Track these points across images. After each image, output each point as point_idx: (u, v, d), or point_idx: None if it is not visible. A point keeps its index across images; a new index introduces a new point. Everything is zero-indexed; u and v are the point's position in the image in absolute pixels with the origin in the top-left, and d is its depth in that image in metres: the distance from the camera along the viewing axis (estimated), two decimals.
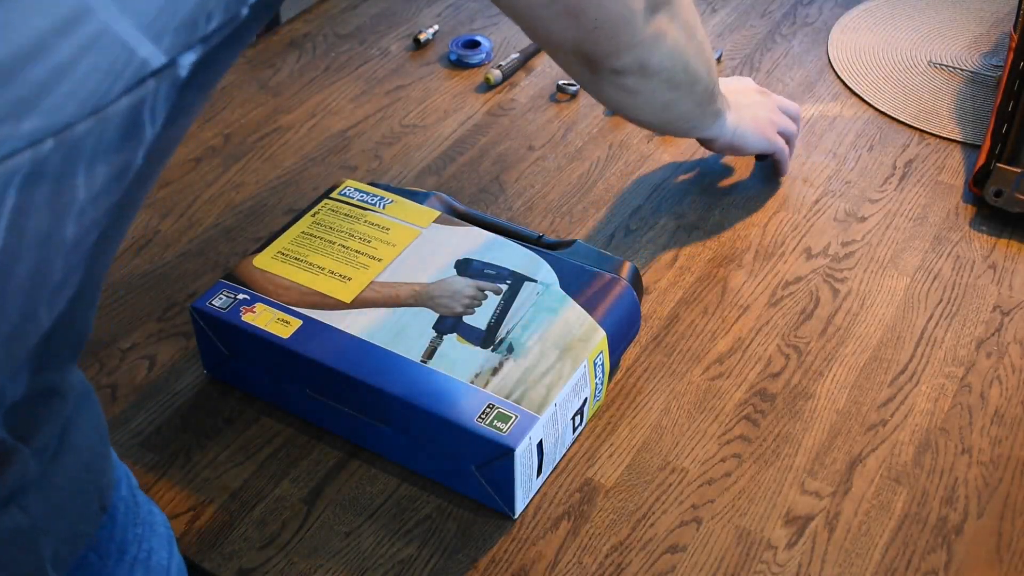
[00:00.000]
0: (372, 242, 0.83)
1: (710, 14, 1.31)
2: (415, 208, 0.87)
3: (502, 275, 0.81)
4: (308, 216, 0.86)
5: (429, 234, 0.84)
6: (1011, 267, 0.94)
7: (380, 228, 0.85)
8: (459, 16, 1.30)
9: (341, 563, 0.71)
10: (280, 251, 0.83)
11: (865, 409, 0.81)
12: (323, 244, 0.83)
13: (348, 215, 0.86)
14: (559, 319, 0.77)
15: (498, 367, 0.74)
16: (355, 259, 0.82)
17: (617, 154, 1.08)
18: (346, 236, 0.84)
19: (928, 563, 0.71)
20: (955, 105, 1.14)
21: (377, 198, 0.87)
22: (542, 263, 0.82)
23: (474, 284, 0.80)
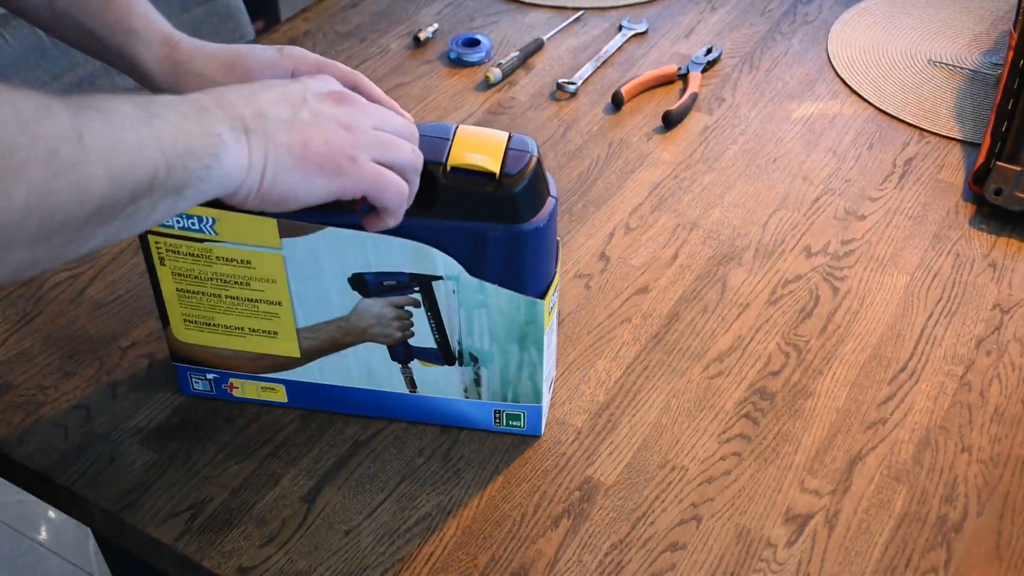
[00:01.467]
0: (251, 283, 0.73)
1: (710, 12, 1.31)
2: (247, 221, 0.70)
3: (403, 282, 0.72)
4: (159, 266, 0.74)
5: (291, 254, 0.71)
6: (1011, 265, 0.94)
7: (241, 263, 0.72)
8: (459, 14, 1.30)
9: (341, 561, 0.71)
10: (185, 319, 0.76)
11: (865, 407, 0.81)
12: (210, 301, 0.75)
13: (192, 254, 0.72)
14: (494, 311, 0.72)
15: (477, 378, 0.76)
16: (258, 309, 0.75)
17: (617, 152, 1.08)
18: (219, 284, 0.74)
19: (928, 561, 0.71)
20: (955, 103, 1.14)
21: (195, 219, 0.70)
22: (430, 250, 0.70)
23: (388, 303, 0.73)
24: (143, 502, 0.75)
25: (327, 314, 0.74)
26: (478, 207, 0.67)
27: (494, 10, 1.31)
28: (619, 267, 0.94)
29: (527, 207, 0.68)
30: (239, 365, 0.78)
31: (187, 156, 0.52)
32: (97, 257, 0.96)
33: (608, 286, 0.92)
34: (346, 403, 0.79)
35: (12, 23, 1.05)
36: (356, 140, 0.60)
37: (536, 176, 0.68)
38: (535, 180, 0.68)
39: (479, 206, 0.67)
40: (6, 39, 1.04)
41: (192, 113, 0.54)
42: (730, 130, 1.11)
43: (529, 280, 0.71)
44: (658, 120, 1.12)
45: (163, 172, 0.51)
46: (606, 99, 1.15)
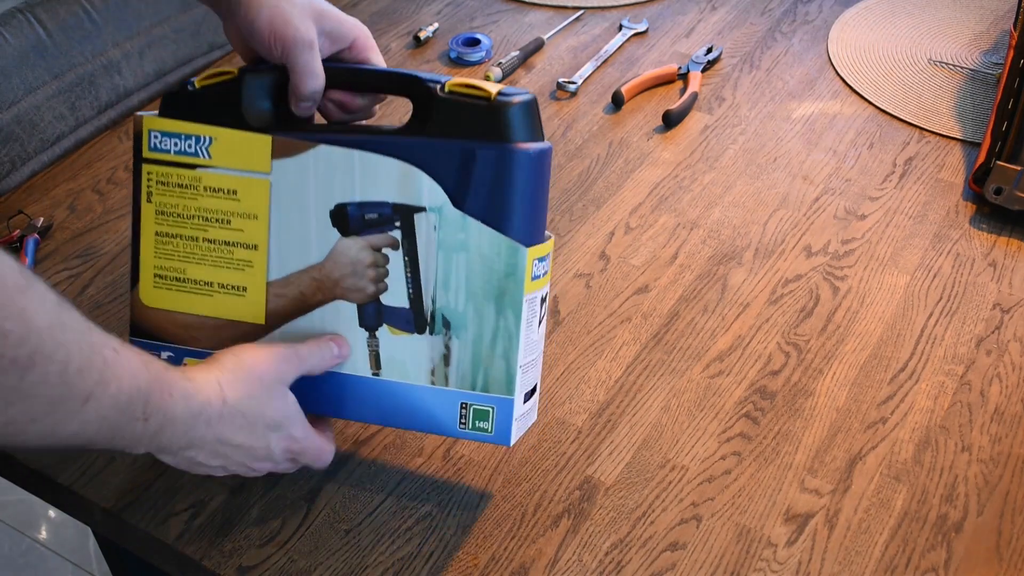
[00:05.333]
0: (232, 220, 0.71)
1: (710, 12, 1.31)
2: (242, 141, 0.70)
3: (385, 215, 0.68)
4: (145, 203, 0.72)
5: (279, 180, 0.70)
6: (1011, 265, 0.94)
7: (227, 194, 0.71)
8: (459, 14, 1.30)
9: (341, 560, 0.71)
10: (156, 274, 0.72)
11: (865, 407, 0.81)
12: (188, 245, 0.72)
13: (180, 184, 0.71)
14: (474, 256, 0.68)
15: (447, 353, 0.69)
16: (232, 256, 0.71)
17: (617, 152, 1.08)
18: (201, 222, 0.71)
19: (928, 561, 0.71)
20: (955, 103, 1.14)
21: (192, 139, 0.71)
22: (418, 174, 0.67)
23: (366, 244, 0.69)
24: (143, 502, 0.75)
25: (302, 260, 0.70)
26: (471, 124, 0.66)
27: (494, 9, 1.31)
28: (619, 267, 0.94)
29: (520, 129, 0.66)
30: (199, 338, 0.72)
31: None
32: (97, 257, 0.96)
33: (608, 286, 0.92)
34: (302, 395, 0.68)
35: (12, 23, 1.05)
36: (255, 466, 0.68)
37: (532, 107, 0.67)
38: (530, 109, 0.67)
39: (472, 123, 0.66)
40: (6, 39, 1.04)
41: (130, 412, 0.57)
42: (730, 129, 1.11)
43: (515, 219, 0.67)
44: (658, 119, 1.12)
45: None
46: (606, 99, 1.15)
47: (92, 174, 1.06)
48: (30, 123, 1.06)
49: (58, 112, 1.08)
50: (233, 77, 0.71)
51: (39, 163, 1.07)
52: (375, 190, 0.68)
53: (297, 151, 0.69)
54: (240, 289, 0.71)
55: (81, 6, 1.10)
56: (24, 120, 1.05)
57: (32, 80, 1.06)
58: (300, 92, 0.70)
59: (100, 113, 1.12)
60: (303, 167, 0.69)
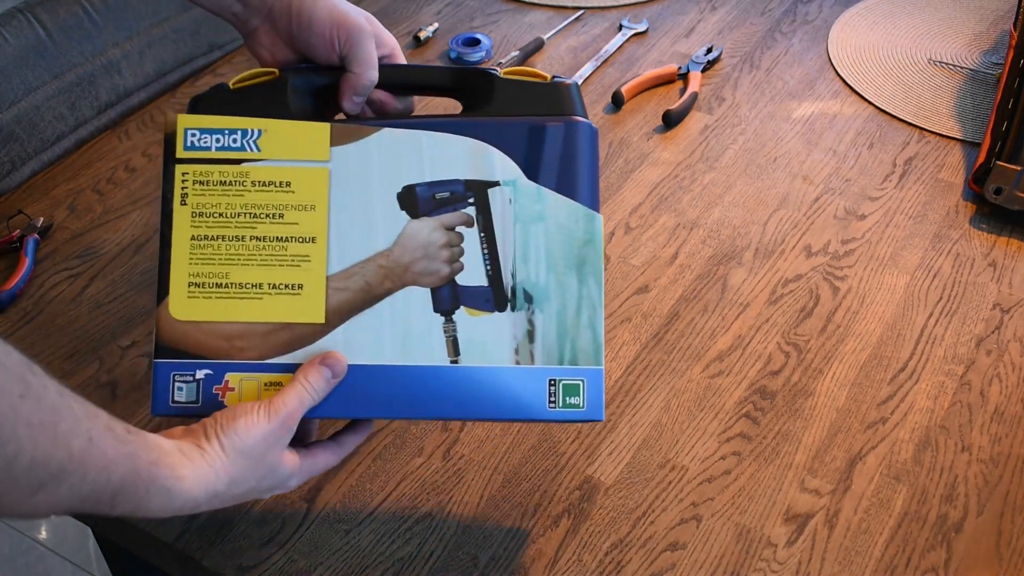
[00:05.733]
0: (286, 214, 0.67)
1: (710, 12, 1.31)
2: (297, 131, 0.67)
3: (458, 194, 0.67)
4: (179, 207, 0.67)
5: (339, 167, 0.67)
6: (1011, 265, 0.94)
7: (279, 186, 0.67)
8: (459, 14, 1.30)
9: (341, 561, 0.71)
10: (192, 282, 0.66)
11: (865, 407, 0.81)
12: (232, 246, 0.66)
13: (224, 182, 0.67)
14: (552, 226, 0.67)
15: (531, 329, 0.66)
16: (285, 252, 0.66)
17: (617, 152, 1.08)
18: (249, 219, 0.66)
19: (928, 561, 0.71)
20: (955, 103, 1.14)
21: (238, 134, 0.67)
22: (488, 150, 0.67)
23: (438, 224, 0.67)
24: None
25: (367, 248, 0.66)
26: (533, 102, 0.69)
27: (494, 9, 1.31)
28: (619, 267, 0.94)
29: (578, 105, 0.70)
30: (244, 348, 0.65)
31: None
32: (97, 257, 0.96)
33: (608, 286, 0.92)
34: (370, 398, 0.65)
35: (12, 23, 1.05)
36: None
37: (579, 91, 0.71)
38: (579, 92, 0.71)
39: (534, 101, 0.69)
40: (6, 39, 1.04)
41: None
42: (730, 129, 1.11)
43: (584, 187, 0.68)
44: (658, 119, 1.12)
45: None
46: (606, 98, 1.15)
47: (92, 174, 1.06)
48: (30, 123, 1.06)
49: (58, 112, 1.08)
50: (275, 77, 0.69)
51: (39, 163, 1.07)
52: (445, 169, 0.67)
53: (358, 136, 0.67)
54: (295, 288, 0.66)
55: (81, 6, 1.10)
56: (24, 120, 1.05)
57: (32, 80, 1.06)
58: (358, 83, 0.70)
59: (100, 113, 1.12)
60: (365, 152, 0.67)
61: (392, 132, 0.68)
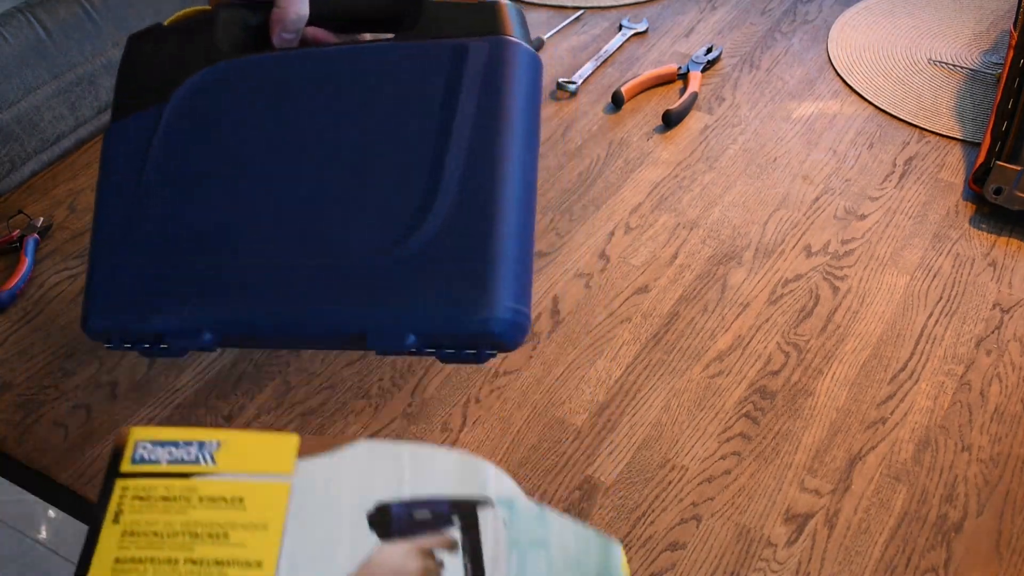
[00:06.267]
0: (231, 533, 0.53)
1: (710, 11, 1.31)
2: (260, 442, 0.55)
3: (441, 513, 0.54)
4: (110, 524, 0.53)
5: (303, 482, 0.54)
6: (1011, 265, 0.94)
7: (229, 502, 0.54)
8: None
9: None
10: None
11: (865, 407, 0.81)
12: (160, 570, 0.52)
13: (166, 498, 0.54)
14: (557, 554, 0.54)
15: None
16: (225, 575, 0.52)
17: (617, 152, 1.08)
18: (187, 539, 0.53)
19: (928, 561, 0.71)
20: (955, 103, 1.14)
21: (195, 446, 0.55)
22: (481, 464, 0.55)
23: (412, 548, 0.53)
24: None
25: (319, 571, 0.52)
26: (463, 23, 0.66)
27: None
28: (619, 267, 0.94)
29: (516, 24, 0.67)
30: None
31: None
32: None
33: (608, 286, 0.92)
34: None
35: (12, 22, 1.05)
36: None
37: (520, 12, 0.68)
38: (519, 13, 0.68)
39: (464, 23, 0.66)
40: (6, 39, 1.04)
41: None
42: (730, 129, 1.11)
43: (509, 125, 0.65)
44: (658, 119, 1.12)
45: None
46: (606, 98, 1.15)
47: (92, 174, 1.06)
48: (30, 123, 1.06)
49: (58, 112, 1.08)
50: (207, 12, 0.69)
51: (39, 163, 1.07)
52: (428, 484, 0.53)
53: (331, 447, 0.55)
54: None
55: (81, 6, 1.10)
56: (24, 120, 1.05)
57: (32, 80, 1.06)
58: (285, 17, 0.68)
59: (100, 113, 1.12)
60: (336, 466, 0.55)
61: (371, 444, 0.55)
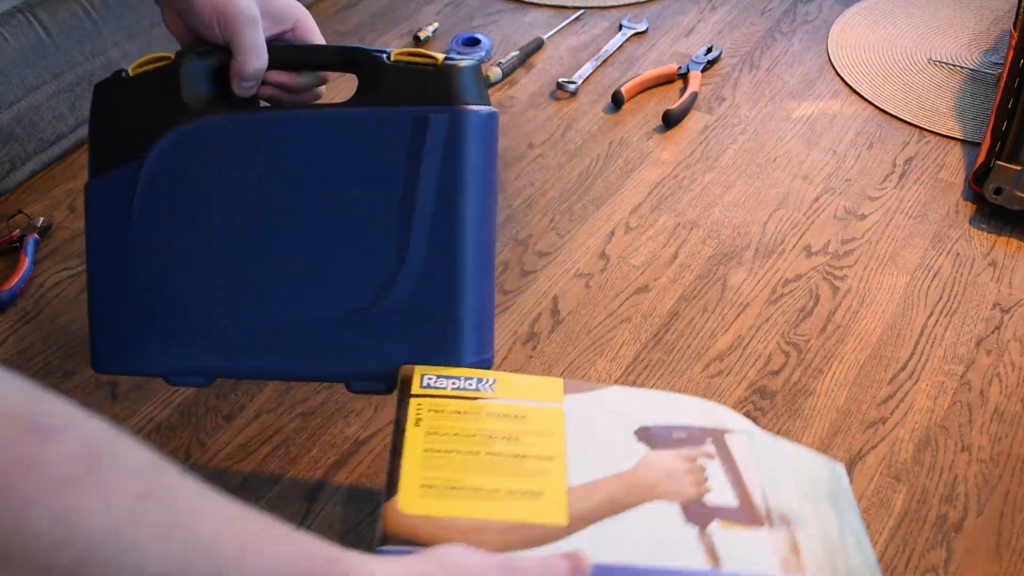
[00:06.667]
0: (522, 438, 0.63)
1: (710, 12, 1.31)
2: (530, 383, 0.67)
3: (695, 436, 0.64)
4: (412, 427, 0.63)
5: (572, 409, 0.65)
6: (1011, 264, 0.94)
7: (515, 418, 0.65)
8: (459, 14, 1.30)
9: None
10: (424, 484, 0.60)
11: (865, 407, 0.81)
12: (467, 459, 0.62)
13: (459, 411, 0.65)
14: (793, 467, 0.64)
15: (795, 544, 0.59)
16: (523, 465, 0.62)
17: (617, 152, 1.08)
18: (484, 440, 0.63)
19: (928, 560, 0.71)
20: (955, 103, 1.14)
21: (472, 380, 0.66)
22: (718, 406, 0.67)
23: (679, 455, 0.63)
24: None
25: (608, 469, 0.61)
26: (420, 90, 0.66)
27: (494, 9, 1.31)
28: (619, 266, 0.94)
29: (470, 92, 0.66)
30: (480, 542, 0.56)
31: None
32: None
33: (608, 285, 0.92)
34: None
35: (12, 22, 1.05)
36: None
37: (477, 72, 0.67)
38: (476, 73, 0.67)
39: (421, 88, 0.66)
40: (6, 39, 1.04)
41: None
42: (730, 129, 1.11)
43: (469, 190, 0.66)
44: (658, 119, 1.12)
45: None
46: (606, 98, 1.15)
47: None
48: (30, 123, 1.06)
49: (58, 112, 1.08)
50: (170, 62, 0.69)
51: (39, 163, 1.07)
52: (678, 416, 0.65)
53: (590, 390, 0.66)
54: (534, 494, 0.60)
55: (81, 6, 1.10)
56: (24, 120, 1.05)
57: (32, 80, 1.06)
58: (243, 71, 0.68)
59: None
60: (598, 401, 0.66)
61: (623, 388, 0.68)
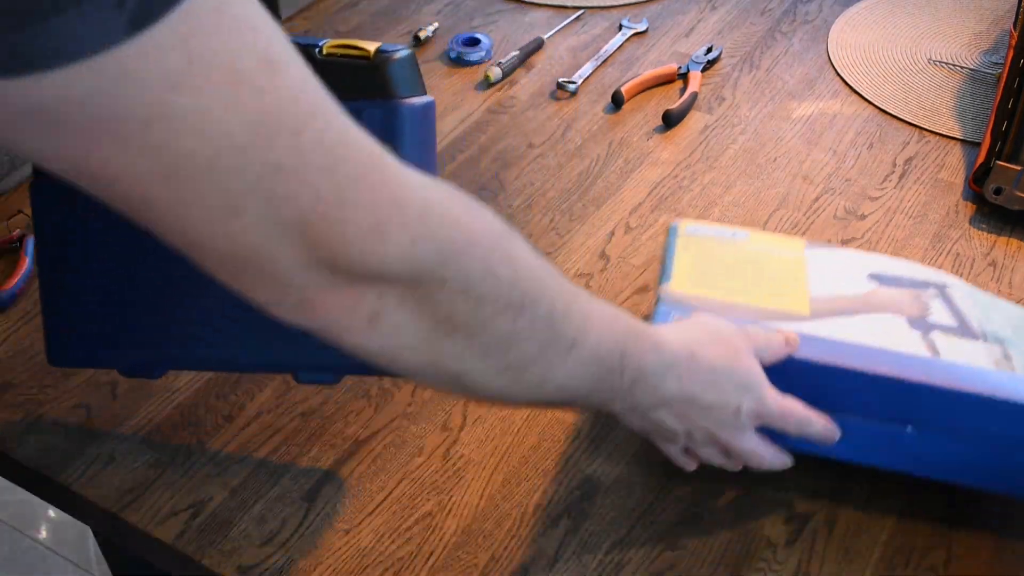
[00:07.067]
0: (771, 267, 0.77)
1: (710, 11, 1.31)
2: (777, 238, 0.82)
3: (919, 283, 0.76)
4: (681, 252, 0.79)
5: (814, 257, 0.79)
6: (1011, 264, 0.94)
7: (765, 256, 0.79)
8: (459, 13, 1.30)
9: (341, 561, 0.71)
10: (690, 279, 0.76)
11: None
12: (724, 270, 0.77)
13: (720, 248, 0.79)
14: (1007, 312, 0.76)
15: (1008, 356, 0.69)
16: (773, 280, 0.76)
17: (617, 151, 1.08)
18: (740, 264, 0.78)
19: (927, 561, 0.71)
20: (955, 102, 1.14)
21: (731, 231, 0.81)
22: (941, 272, 0.79)
23: (905, 291, 0.75)
24: (143, 501, 0.75)
25: (846, 289, 0.75)
26: (353, 83, 0.65)
27: (494, 9, 1.31)
28: (619, 266, 0.94)
29: (404, 84, 0.67)
30: (737, 314, 0.72)
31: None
32: None
33: (608, 285, 0.92)
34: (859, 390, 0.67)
35: None
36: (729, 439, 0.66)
37: (411, 62, 0.67)
38: (411, 64, 0.67)
39: (354, 82, 0.65)
40: None
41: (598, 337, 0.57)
42: (730, 129, 1.11)
43: None
44: (658, 119, 1.12)
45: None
46: (606, 98, 1.15)
47: None
48: None
49: None
50: None
51: None
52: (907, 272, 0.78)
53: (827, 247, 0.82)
54: (781, 294, 0.74)
55: None
56: None
57: None
58: None
59: None
60: (836, 256, 0.80)
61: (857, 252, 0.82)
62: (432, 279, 0.46)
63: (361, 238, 0.43)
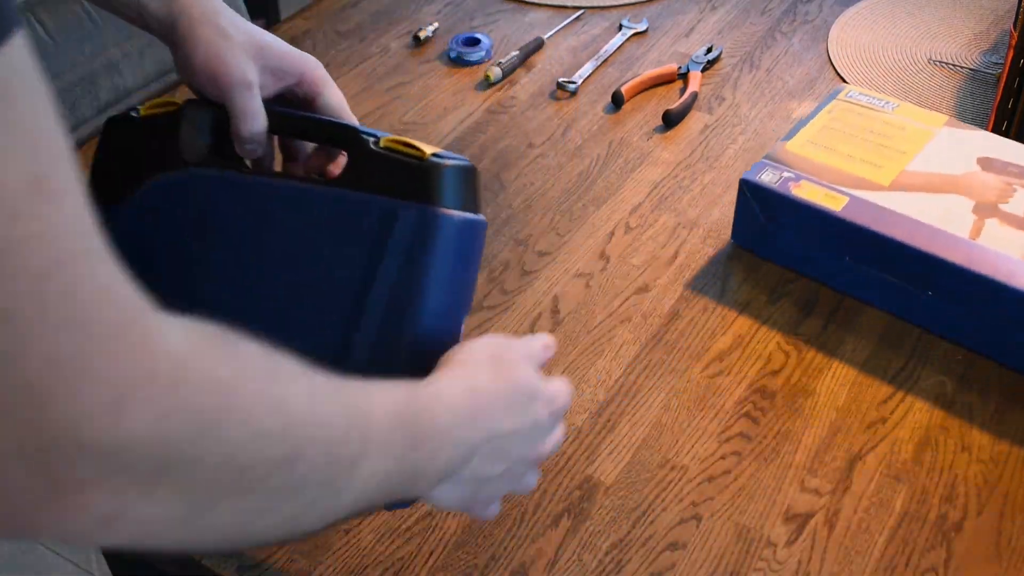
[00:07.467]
0: (893, 138, 0.93)
1: (710, 11, 1.31)
2: (922, 112, 0.96)
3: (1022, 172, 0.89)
4: (824, 113, 0.96)
5: (943, 134, 0.94)
6: None
7: (896, 127, 0.95)
8: (459, 13, 1.30)
9: (341, 561, 0.71)
10: (809, 140, 0.93)
11: (865, 406, 0.81)
12: (846, 136, 0.94)
13: (861, 115, 0.96)
14: None
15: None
16: (881, 150, 0.92)
17: (617, 151, 1.08)
18: (865, 132, 0.94)
19: (928, 560, 0.71)
20: (955, 102, 1.14)
21: (883, 102, 0.98)
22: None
23: (1001, 179, 0.88)
24: None
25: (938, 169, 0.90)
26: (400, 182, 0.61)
27: (494, 9, 1.31)
28: (619, 266, 0.94)
29: (451, 194, 0.61)
30: (825, 174, 0.90)
31: None
32: None
33: (608, 285, 0.92)
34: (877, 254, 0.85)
35: None
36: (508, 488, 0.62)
37: (466, 175, 0.63)
38: (464, 176, 0.63)
39: (401, 180, 0.61)
40: None
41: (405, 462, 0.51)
42: (730, 129, 1.11)
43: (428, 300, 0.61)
44: (658, 119, 1.12)
45: None
46: (606, 98, 1.15)
47: None
48: None
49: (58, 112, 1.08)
50: (175, 109, 0.67)
51: None
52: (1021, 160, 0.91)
53: (962, 127, 0.95)
54: (877, 164, 0.91)
55: (81, 6, 1.10)
56: None
57: None
58: (239, 134, 0.67)
59: (100, 113, 1.12)
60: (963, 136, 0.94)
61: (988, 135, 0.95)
62: (182, 460, 0.38)
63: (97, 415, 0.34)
